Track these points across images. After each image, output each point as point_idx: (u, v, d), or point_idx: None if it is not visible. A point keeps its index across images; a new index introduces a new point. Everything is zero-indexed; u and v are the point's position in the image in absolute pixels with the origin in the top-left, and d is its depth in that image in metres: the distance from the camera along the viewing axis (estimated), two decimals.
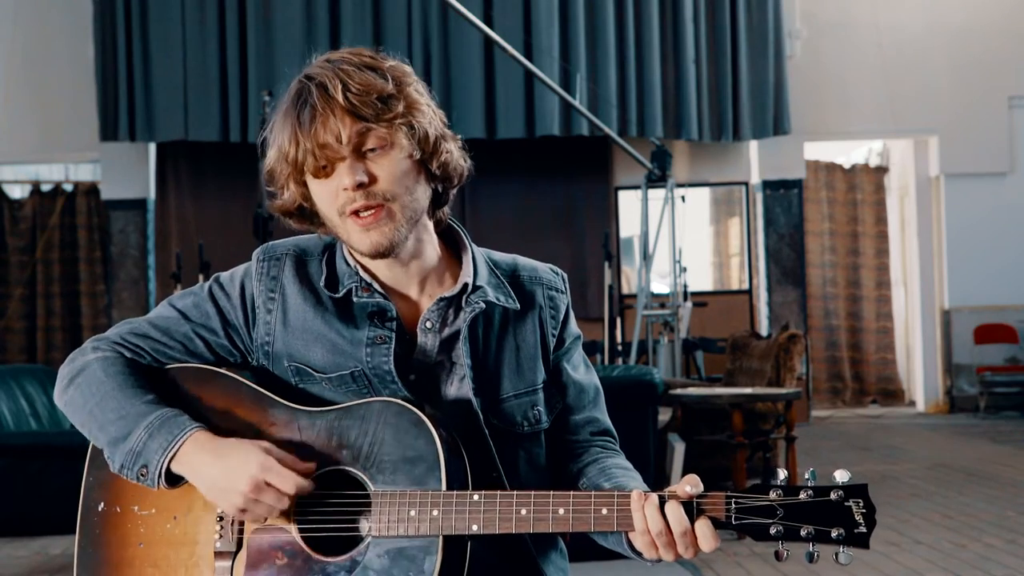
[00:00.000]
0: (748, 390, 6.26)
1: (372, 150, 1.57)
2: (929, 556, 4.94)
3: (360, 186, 1.57)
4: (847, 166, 12.12)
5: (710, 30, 10.74)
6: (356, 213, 1.59)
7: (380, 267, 1.67)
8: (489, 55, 10.21)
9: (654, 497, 1.48)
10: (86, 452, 1.70)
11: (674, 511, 1.46)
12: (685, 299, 9.12)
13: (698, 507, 1.47)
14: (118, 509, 1.64)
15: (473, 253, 1.71)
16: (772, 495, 1.46)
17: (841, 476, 1.46)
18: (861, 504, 1.45)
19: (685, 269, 9.18)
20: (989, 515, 5.83)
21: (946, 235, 11.36)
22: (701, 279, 11.37)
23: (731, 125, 10.71)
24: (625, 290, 11.01)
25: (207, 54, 10.21)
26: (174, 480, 1.59)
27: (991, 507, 6.06)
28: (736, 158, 11.34)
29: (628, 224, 11.13)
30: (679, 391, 6.23)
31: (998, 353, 11.28)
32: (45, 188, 11.33)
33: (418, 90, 1.63)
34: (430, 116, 1.62)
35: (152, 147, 10.77)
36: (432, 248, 1.69)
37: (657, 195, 9.32)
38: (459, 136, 1.69)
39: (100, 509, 1.66)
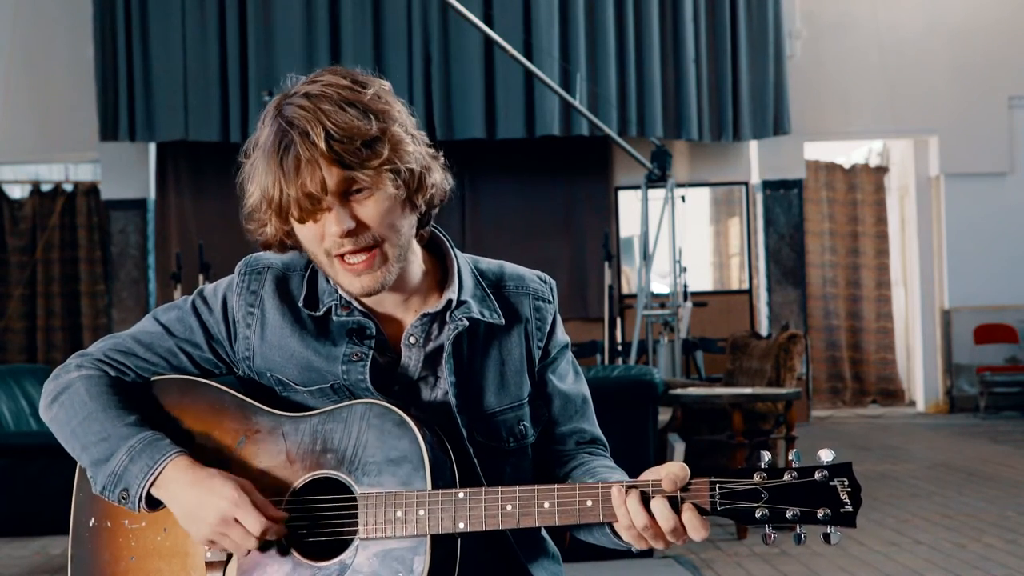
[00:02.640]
0: (748, 390, 6.26)
1: (358, 191, 1.55)
2: (929, 556, 4.94)
3: (349, 233, 1.55)
4: (847, 166, 12.12)
5: (710, 30, 10.74)
6: (343, 257, 1.57)
7: None
8: (489, 55, 10.21)
9: (636, 492, 1.47)
10: None
11: (660, 507, 1.46)
12: (685, 299, 9.12)
13: (682, 496, 1.46)
14: (108, 524, 1.65)
15: (458, 263, 1.69)
16: (756, 478, 1.45)
17: (825, 456, 1.45)
18: (846, 483, 1.44)
19: (685, 269, 9.17)
20: (989, 515, 5.83)
21: (946, 235, 11.36)
22: (701, 279, 11.37)
23: (731, 125, 10.71)
24: (625, 290, 11.00)
25: (207, 54, 10.21)
26: (155, 504, 1.60)
27: (991, 507, 6.06)
28: (736, 158, 11.34)
29: (628, 224, 11.13)
30: (679, 391, 6.23)
31: (998, 353, 11.28)
32: (45, 188, 11.33)
33: (401, 122, 1.57)
34: (414, 151, 1.58)
35: (152, 147, 10.77)
36: (416, 266, 1.67)
37: (657, 195, 9.31)
38: (440, 153, 1.66)
39: (91, 524, 1.66)
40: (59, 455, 1.74)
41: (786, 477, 1.44)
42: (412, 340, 1.66)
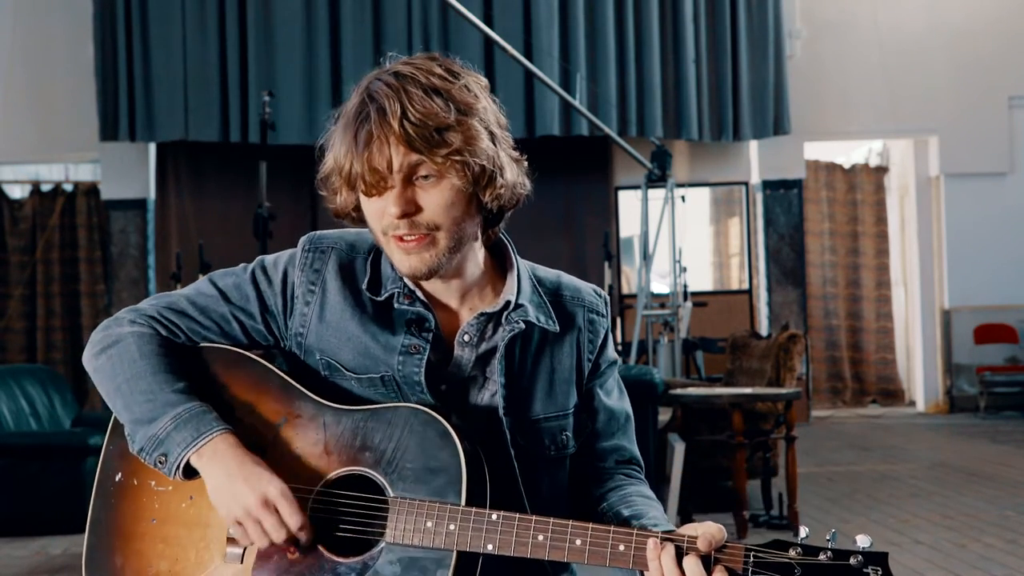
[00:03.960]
0: (748, 390, 6.26)
1: (425, 177, 1.56)
2: (929, 556, 4.94)
3: (405, 215, 1.56)
4: (847, 166, 12.12)
5: (710, 30, 10.74)
6: (399, 236, 1.58)
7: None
8: (489, 55, 10.21)
9: (671, 547, 1.46)
10: (86, 452, 1.71)
11: (692, 565, 1.45)
12: (685, 299, 9.12)
13: (715, 557, 1.46)
14: (135, 482, 1.64)
15: (518, 268, 1.70)
16: (791, 553, 1.44)
17: (863, 541, 1.44)
18: (880, 572, 1.42)
19: (685, 269, 9.17)
20: (989, 515, 5.83)
21: (946, 235, 11.36)
22: (701, 279, 11.37)
23: (731, 125, 10.71)
24: (625, 290, 11.01)
25: (207, 54, 10.21)
26: (190, 473, 1.59)
27: (991, 507, 6.06)
28: (736, 158, 11.34)
29: (628, 224, 11.13)
30: (679, 391, 6.22)
31: (998, 353, 11.28)
32: (45, 188, 11.33)
33: (483, 118, 1.59)
34: (488, 149, 1.58)
35: (152, 147, 10.77)
36: (475, 265, 1.67)
37: (657, 195, 9.31)
38: (524, 157, 1.66)
39: (117, 479, 1.65)
40: (59, 455, 1.74)
41: (821, 557, 1.44)
42: (466, 339, 1.66)
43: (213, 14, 10.22)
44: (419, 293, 1.65)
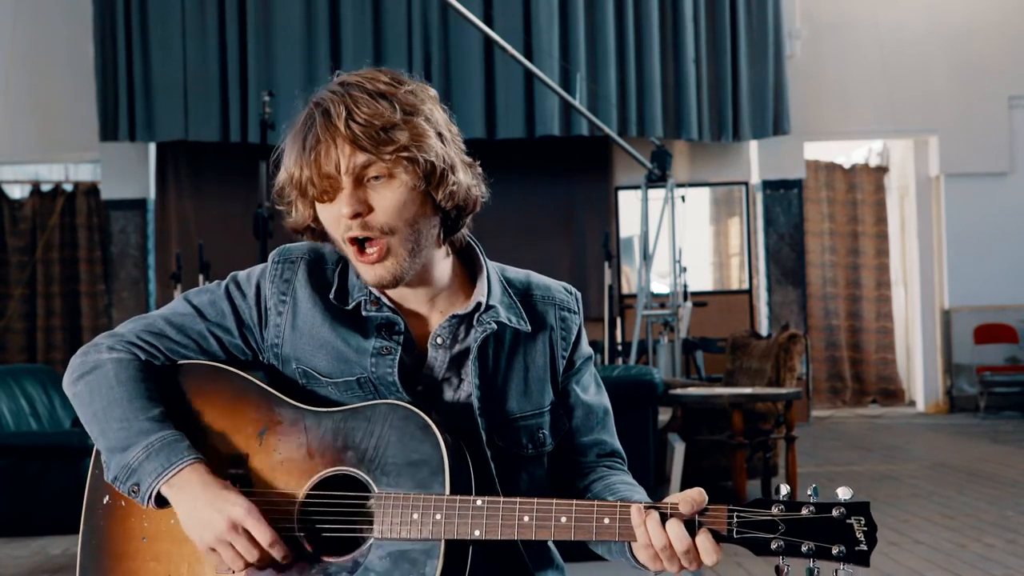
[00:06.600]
0: (748, 390, 6.26)
1: (376, 178, 1.57)
2: (929, 556, 4.94)
3: (356, 215, 1.56)
4: (847, 166, 12.12)
5: (710, 30, 10.74)
6: (358, 246, 1.59)
7: None
8: (489, 55, 10.21)
9: (655, 513, 1.47)
10: (86, 452, 1.71)
11: (675, 528, 1.46)
12: (685, 299, 9.11)
13: (699, 520, 1.47)
14: (122, 503, 1.65)
15: (488, 271, 1.71)
16: (774, 510, 1.46)
17: (844, 493, 1.46)
18: (863, 522, 1.44)
19: (685, 269, 9.17)
20: (989, 515, 5.83)
21: (946, 235, 11.36)
22: (701, 279, 11.37)
23: (731, 125, 10.72)
24: (625, 290, 11.00)
25: (207, 54, 10.21)
26: (164, 502, 1.60)
27: (991, 507, 6.06)
28: (736, 158, 11.35)
29: (628, 224, 11.13)
30: (679, 391, 6.23)
31: (998, 353, 11.28)
32: (45, 188, 11.33)
33: (429, 118, 1.59)
34: (437, 147, 1.59)
35: (152, 147, 10.77)
36: (442, 272, 1.68)
37: (657, 195, 9.31)
38: (477, 162, 1.67)
39: (105, 502, 1.67)
40: (59, 455, 1.75)
41: (804, 511, 1.45)
42: (439, 341, 1.67)
43: (213, 14, 10.22)
44: (385, 300, 1.66)
